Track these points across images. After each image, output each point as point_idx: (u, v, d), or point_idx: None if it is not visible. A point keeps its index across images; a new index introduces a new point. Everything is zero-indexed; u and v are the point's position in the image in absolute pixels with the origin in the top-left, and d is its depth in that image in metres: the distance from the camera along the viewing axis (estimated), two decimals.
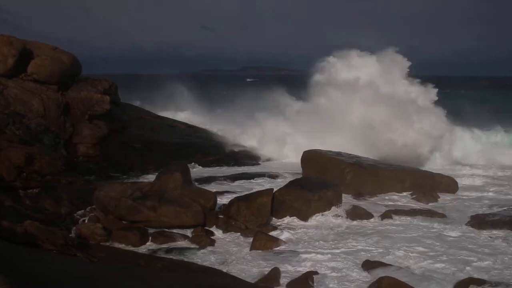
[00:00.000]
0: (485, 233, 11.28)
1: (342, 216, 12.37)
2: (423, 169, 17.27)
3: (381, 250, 10.06)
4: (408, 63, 20.44)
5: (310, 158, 16.27)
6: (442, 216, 12.63)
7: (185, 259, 9.49)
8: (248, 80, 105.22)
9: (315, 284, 8.29)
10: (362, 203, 13.42)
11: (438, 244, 10.48)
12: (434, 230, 11.53)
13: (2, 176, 12.34)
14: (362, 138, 18.35)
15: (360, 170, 15.15)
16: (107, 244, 10.27)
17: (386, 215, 12.29)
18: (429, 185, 15.03)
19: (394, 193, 14.72)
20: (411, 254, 9.80)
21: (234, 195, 12.95)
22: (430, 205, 13.76)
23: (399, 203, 13.88)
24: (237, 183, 15.63)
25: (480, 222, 11.99)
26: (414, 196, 14.41)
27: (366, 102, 18.96)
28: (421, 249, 10.12)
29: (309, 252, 9.92)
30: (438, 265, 9.30)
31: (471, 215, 12.68)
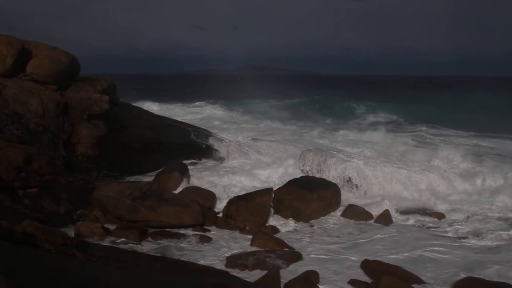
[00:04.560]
0: (483, 233, 11.31)
1: (340, 215, 12.40)
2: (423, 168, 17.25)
3: (380, 250, 10.08)
4: None
5: (309, 157, 16.26)
6: (441, 216, 12.65)
7: (184, 259, 9.48)
8: (239, 78, 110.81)
9: (314, 283, 8.29)
10: (361, 203, 13.42)
11: (437, 243, 10.50)
12: (434, 229, 11.56)
13: (1, 176, 12.32)
14: None
15: (359, 169, 15.14)
16: (106, 243, 10.26)
17: (385, 214, 12.30)
18: (430, 184, 15.01)
19: (394, 191, 14.73)
20: (410, 254, 9.81)
21: (233, 195, 12.94)
22: (430, 204, 13.74)
23: (399, 202, 13.85)
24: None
25: (479, 222, 12.02)
26: (414, 195, 14.40)
27: None
28: (420, 248, 10.14)
29: (308, 252, 9.94)
30: (437, 264, 9.32)
31: (469, 214, 12.70)
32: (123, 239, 10.55)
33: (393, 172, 15.17)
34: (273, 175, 16.25)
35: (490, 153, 20.47)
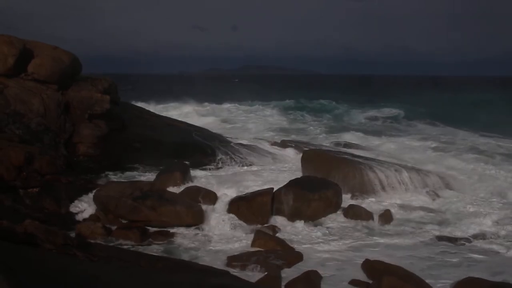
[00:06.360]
0: (488, 235, 11.27)
1: (342, 216, 12.38)
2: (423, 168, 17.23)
3: (381, 250, 10.07)
4: None
5: (310, 157, 16.25)
6: (442, 215, 12.63)
7: (185, 259, 9.49)
8: (235, 80, 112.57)
9: (314, 283, 8.28)
10: (362, 203, 13.39)
11: (438, 243, 10.49)
12: (434, 229, 11.53)
13: (2, 175, 12.34)
14: None
15: (360, 169, 15.11)
16: (107, 243, 10.26)
17: (386, 214, 12.29)
18: (430, 184, 15.00)
19: (394, 192, 14.68)
20: (411, 254, 9.80)
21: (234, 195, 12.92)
22: (430, 204, 13.72)
23: (400, 202, 13.83)
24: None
25: (485, 225, 11.96)
26: (414, 194, 14.37)
27: None
28: (421, 248, 10.13)
29: (309, 252, 9.93)
30: (437, 264, 9.32)
31: (470, 213, 12.68)
32: (124, 238, 10.56)
33: (394, 172, 15.14)
34: (275, 175, 16.26)
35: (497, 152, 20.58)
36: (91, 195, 12.55)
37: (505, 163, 18.52)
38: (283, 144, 21.21)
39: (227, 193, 13.02)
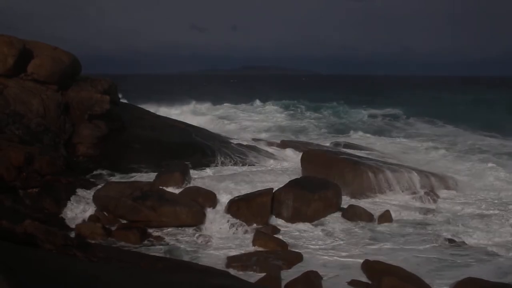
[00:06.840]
0: (485, 234, 11.27)
1: (341, 216, 12.38)
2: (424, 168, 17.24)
3: (380, 250, 10.06)
4: None
5: (310, 157, 16.25)
6: (442, 216, 12.62)
7: (185, 259, 9.49)
8: (232, 81, 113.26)
9: (314, 284, 8.28)
10: (362, 203, 13.39)
11: (437, 244, 10.48)
12: (434, 230, 11.52)
13: (2, 175, 12.33)
14: None
15: (360, 169, 15.11)
16: (107, 244, 10.25)
17: (386, 215, 12.28)
18: (430, 185, 15.00)
19: (394, 192, 14.69)
20: (411, 254, 9.80)
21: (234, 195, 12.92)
22: (430, 205, 13.73)
23: (399, 203, 13.85)
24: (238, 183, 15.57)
25: (479, 222, 11.98)
26: (414, 195, 14.38)
27: None
28: (420, 249, 10.12)
29: (309, 252, 9.93)
30: (437, 264, 9.32)
31: (470, 214, 12.67)
32: (124, 239, 10.55)
33: (395, 173, 15.14)
34: (275, 175, 16.26)
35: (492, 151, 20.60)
36: (91, 195, 12.55)
37: (507, 163, 18.52)
38: (283, 144, 21.23)
39: (226, 194, 13.04)
